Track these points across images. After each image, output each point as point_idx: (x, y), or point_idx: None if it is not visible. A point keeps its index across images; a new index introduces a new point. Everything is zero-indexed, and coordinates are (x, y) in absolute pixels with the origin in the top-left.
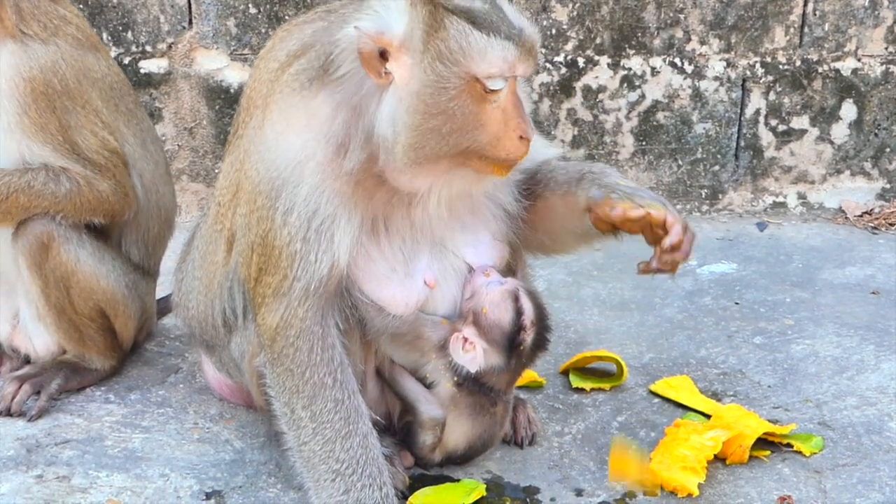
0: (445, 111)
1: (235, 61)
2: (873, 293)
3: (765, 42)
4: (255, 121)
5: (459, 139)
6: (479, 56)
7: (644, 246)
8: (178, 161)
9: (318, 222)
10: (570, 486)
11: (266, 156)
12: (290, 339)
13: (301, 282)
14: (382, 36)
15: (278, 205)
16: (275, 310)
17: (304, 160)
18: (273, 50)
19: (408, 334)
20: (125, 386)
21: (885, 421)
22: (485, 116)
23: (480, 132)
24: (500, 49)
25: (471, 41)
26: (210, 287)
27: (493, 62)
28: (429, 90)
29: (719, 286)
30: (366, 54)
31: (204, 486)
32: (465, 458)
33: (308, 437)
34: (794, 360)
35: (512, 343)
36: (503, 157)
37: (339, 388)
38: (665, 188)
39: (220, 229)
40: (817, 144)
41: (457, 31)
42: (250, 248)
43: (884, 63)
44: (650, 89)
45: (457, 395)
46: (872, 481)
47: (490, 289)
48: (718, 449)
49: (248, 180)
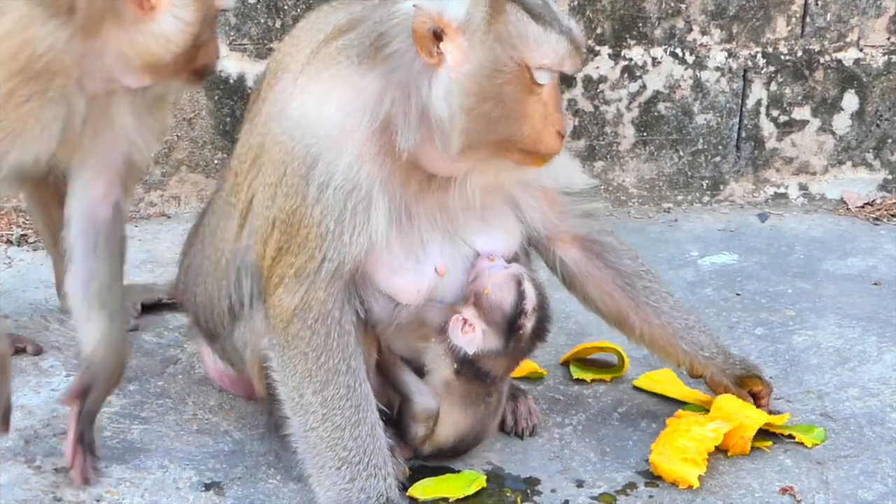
0: (497, 95)
1: (234, 51)
2: (875, 284)
3: (766, 32)
4: (284, 84)
5: (505, 127)
6: (535, 45)
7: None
8: (177, 152)
9: (356, 201)
10: (571, 478)
11: (303, 121)
12: (307, 322)
13: (332, 263)
14: (442, 16)
15: (313, 176)
16: (294, 291)
17: (349, 130)
18: (318, 21)
19: (413, 322)
20: (124, 377)
21: (887, 412)
22: (529, 108)
23: (523, 123)
24: (555, 42)
25: (529, 30)
26: (218, 267)
27: (547, 53)
28: (485, 72)
29: (720, 277)
30: (420, 33)
31: (203, 477)
32: (454, 452)
33: (317, 423)
34: (796, 352)
35: (511, 327)
36: (541, 150)
37: (352, 375)
38: (666, 179)
39: (235, 202)
40: (819, 135)
41: (517, 19)
42: (270, 223)
43: (886, 53)
44: (651, 80)
45: (452, 383)
46: (875, 472)
47: (494, 271)
48: (720, 440)
49: (277, 146)
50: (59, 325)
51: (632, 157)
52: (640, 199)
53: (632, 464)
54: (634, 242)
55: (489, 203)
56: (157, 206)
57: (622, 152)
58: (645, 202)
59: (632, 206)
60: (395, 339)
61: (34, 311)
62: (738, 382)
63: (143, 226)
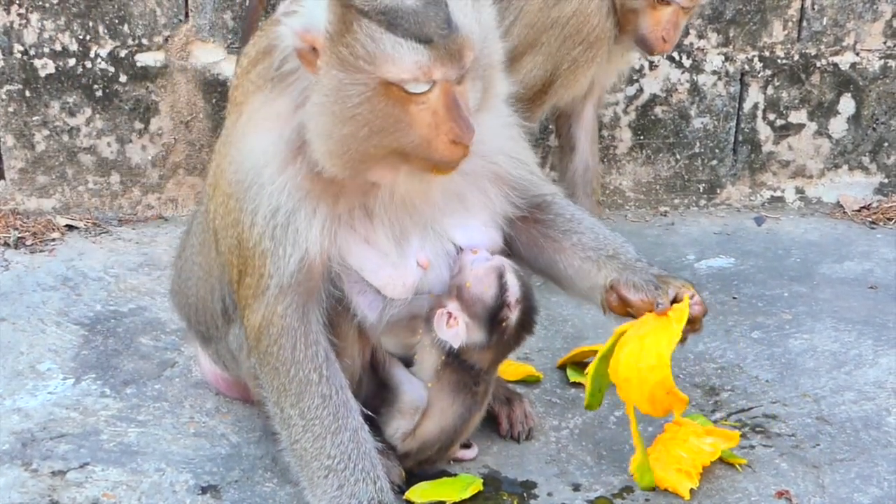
0: (354, 117)
1: (232, 54)
2: (871, 288)
3: (763, 36)
4: (231, 118)
5: (383, 141)
6: (388, 61)
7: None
8: (174, 154)
9: (282, 219)
10: (568, 481)
11: (235, 157)
12: (272, 338)
13: (274, 279)
14: (308, 32)
15: (245, 206)
16: (256, 310)
17: (265, 163)
18: (252, 46)
19: (403, 319)
20: (121, 380)
21: (882, 415)
22: (410, 118)
23: (406, 134)
24: (412, 53)
25: (380, 46)
26: (210, 274)
27: (405, 67)
28: (331, 98)
29: (717, 280)
30: (299, 50)
31: (200, 480)
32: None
33: (299, 435)
34: (792, 355)
35: (494, 319)
36: (437, 159)
37: (326, 384)
38: (663, 182)
39: (211, 226)
40: (815, 139)
41: (365, 36)
42: (229, 251)
43: (882, 57)
44: (648, 83)
45: (441, 372)
46: (870, 476)
47: (476, 265)
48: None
49: (221, 181)
50: (56, 329)
51: (629, 161)
52: (636, 202)
53: (628, 467)
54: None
55: (456, 195)
56: (154, 209)
57: (619, 155)
58: (642, 205)
59: (629, 209)
60: (387, 337)
61: (31, 315)
62: (654, 282)
63: (140, 228)
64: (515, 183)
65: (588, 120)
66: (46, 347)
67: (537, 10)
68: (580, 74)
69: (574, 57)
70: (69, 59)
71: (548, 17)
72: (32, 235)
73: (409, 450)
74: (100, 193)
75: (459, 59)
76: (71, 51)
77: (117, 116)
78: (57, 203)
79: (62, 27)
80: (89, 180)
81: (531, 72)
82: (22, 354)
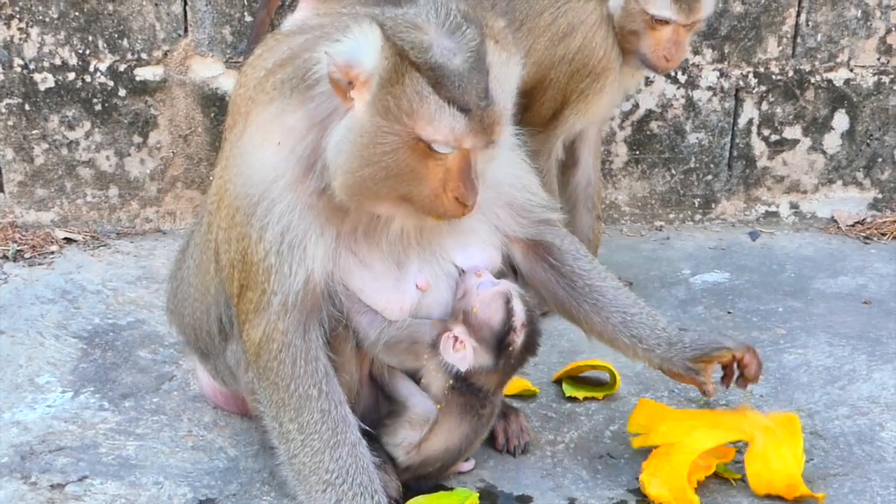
0: (380, 163)
1: (231, 69)
2: (865, 303)
3: (758, 52)
4: (237, 128)
5: (396, 186)
6: (427, 121)
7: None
8: (172, 168)
9: (291, 237)
10: (563, 495)
11: (244, 170)
12: (273, 353)
13: (278, 296)
14: (350, 68)
15: (254, 221)
16: (257, 325)
17: (275, 178)
18: (261, 57)
19: (403, 341)
20: (119, 393)
21: (876, 431)
22: (426, 171)
23: (419, 184)
24: (451, 119)
25: (424, 105)
26: (206, 294)
27: (440, 130)
28: (378, 132)
29: (712, 295)
30: (332, 78)
31: (198, 493)
32: (440, 468)
33: (297, 450)
34: (787, 370)
35: (501, 343)
36: (440, 212)
37: (325, 399)
38: (658, 197)
39: (211, 239)
40: (810, 154)
41: (413, 91)
42: (231, 265)
43: (876, 73)
44: (644, 99)
45: (448, 394)
46: (864, 491)
47: (482, 289)
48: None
49: (227, 193)
50: (55, 342)
51: (624, 176)
52: (632, 217)
53: (623, 482)
54: (626, 260)
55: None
56: (152, 222)
57: (615, 170)
58: (637, 220)
59: (624, 223)
60: (387, 356)
61: (30, 328)
62: (693, 367)
63: (138, 242)
64: (518, 206)
65: (592, 135)
66: (45, 360)
67: (544, 49)
68: (591, 104)
69: (582, 89)
70: (69, 73)
71: (555, 55)
72: (31, 248)
73: (411, 463)
74: (98, 207)
75: (490, 133)
76: (70, 65)
77: (116, 130)
78: (56, 216)
79: (62, 41)
80: (88, 193)
81: (542, 105)
82: (21, 367)
